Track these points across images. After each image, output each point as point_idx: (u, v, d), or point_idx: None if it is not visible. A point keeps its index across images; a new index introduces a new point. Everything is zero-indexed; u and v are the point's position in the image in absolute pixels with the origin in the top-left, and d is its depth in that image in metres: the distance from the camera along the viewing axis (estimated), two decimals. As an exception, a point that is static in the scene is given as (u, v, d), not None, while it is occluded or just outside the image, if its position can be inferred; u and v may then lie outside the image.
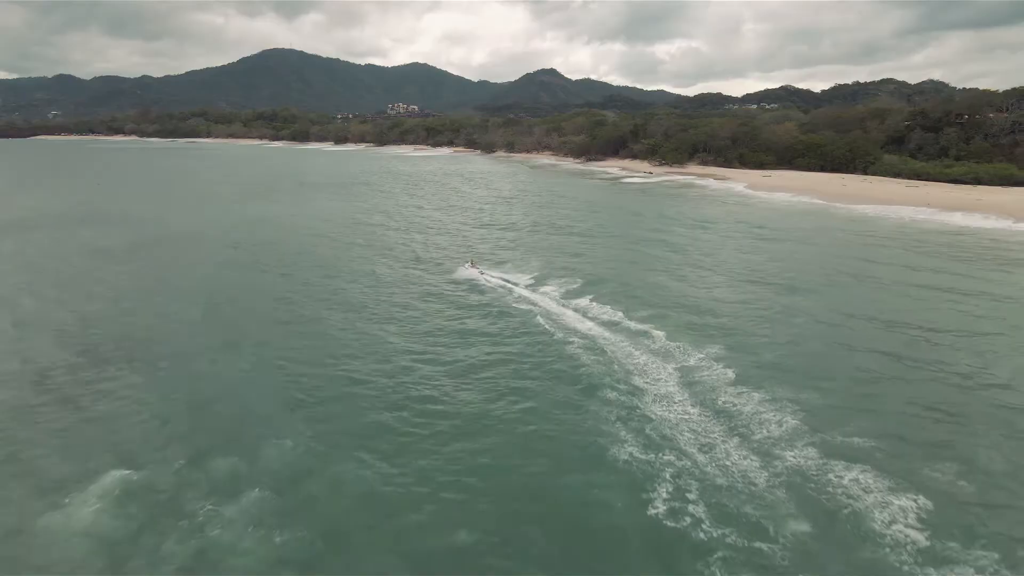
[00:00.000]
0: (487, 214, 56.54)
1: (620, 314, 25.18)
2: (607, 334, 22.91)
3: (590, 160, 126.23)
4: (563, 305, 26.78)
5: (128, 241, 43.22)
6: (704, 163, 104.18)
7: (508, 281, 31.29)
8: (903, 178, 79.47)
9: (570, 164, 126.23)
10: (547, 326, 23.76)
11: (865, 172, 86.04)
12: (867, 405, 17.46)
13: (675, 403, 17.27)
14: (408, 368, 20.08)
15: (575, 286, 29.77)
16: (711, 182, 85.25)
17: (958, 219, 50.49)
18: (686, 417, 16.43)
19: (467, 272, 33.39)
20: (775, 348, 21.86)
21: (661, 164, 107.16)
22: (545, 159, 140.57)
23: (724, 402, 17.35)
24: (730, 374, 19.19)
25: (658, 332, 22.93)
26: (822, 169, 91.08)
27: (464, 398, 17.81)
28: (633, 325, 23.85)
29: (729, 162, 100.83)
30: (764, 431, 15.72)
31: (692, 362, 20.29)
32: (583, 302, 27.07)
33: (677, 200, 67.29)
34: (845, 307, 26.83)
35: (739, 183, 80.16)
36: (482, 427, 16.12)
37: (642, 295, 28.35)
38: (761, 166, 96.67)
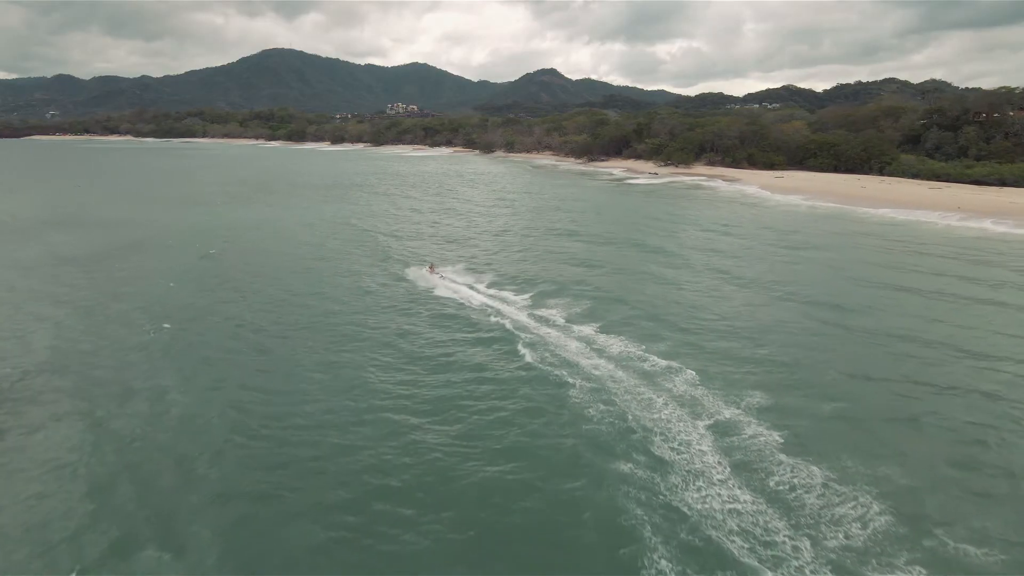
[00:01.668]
0: (487, 219, 52.25)
1: (635, 346, 20.92)
2: (619, 374, 18.66)
3: (592, 160, 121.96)
4: (566, 333, 22.50)
5: (95, 248, 39.38)
6: (711, 163, 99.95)
7: (501, 299, 27.10)
8: (921, 179, 75.59)
9: (571, 164, 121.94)
10: (543, 364, 19.48)
11: (881, 173, 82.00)
12: (977, 484, 13.20)
13: (715, 484, 13.02)
14: (368, 439, 15.73)
15: (580, 308, 25.47)
16: (720, 183, 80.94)
17: (1000, 225, 46.09)
18: (733, 509, 12.17)
19: (427, 278, 30.69)
20: (832, 392, 17.60)
21: (667, 164, 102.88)
22: (545, 159, 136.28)
23: (779, 483, 13.10)
24: (778, 437, 14.94)
25: (682, 372, 18.68)
26: (835, 170, 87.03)
27: (432, 494, 13.23)
28: (651, 361, 19.59)
29: (737, 162, 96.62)
30: (841, 533, 11.47)
31: (728, 415, 16.05)
32: (589, 329, 22.80)
33: (688, 203, 62.98)
34: (912, 332, 22.51)
35: (751, 184, 75.83)
36: (457, 545, 11.63)
37: (661, 319, 24.07)
38: (771, 166, 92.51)
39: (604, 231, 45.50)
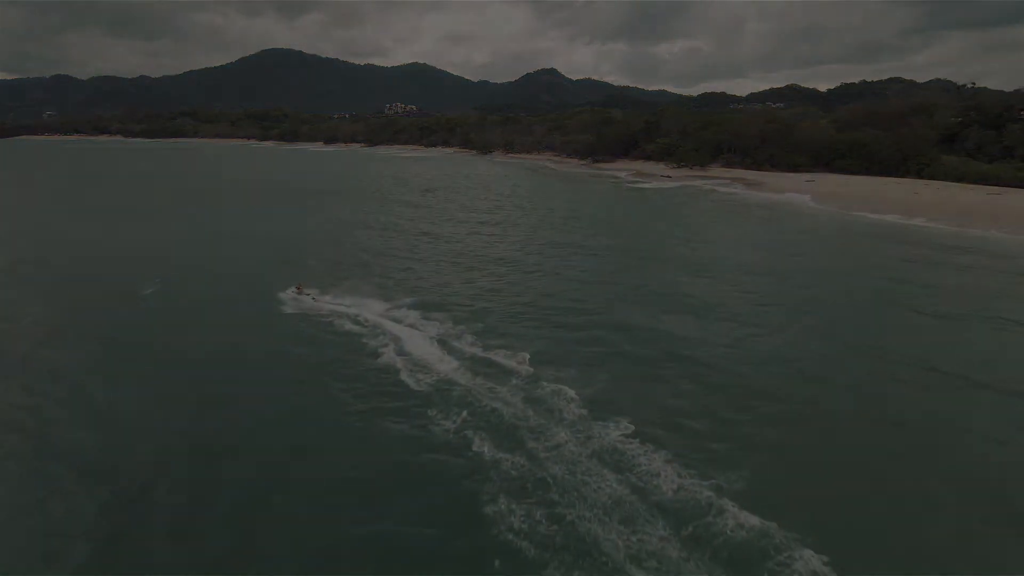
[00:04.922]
0: (486, 233, 43.84)
1: (693, 475, 12.49)
2: (674, 551, 10.23)
3: (597, 161, 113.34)
4: (580, 439, 14.08)
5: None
6: (729, 164, 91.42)
7: (485, 364, 18.72)
8: (966, 182, 67.13)
9: (575, 166, 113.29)
10: (528, 528, 11.10)
11: (919, 175, 73.58)
12: None
13: None
14: None
15: (594, 388, 17.02)
16: (743, 188, 72.20)
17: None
18: None
19: (296, 300, 25.58)
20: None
21: (680, 166, 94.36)
22: (546, 160, 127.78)
23: None
24: None
25: (791, 551, 10.25)
26: (867, 172, 78.51)
27: None
28: (729, 512, 11.18)
29: (758, 164, 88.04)
30: None
31: None
32: (615, 431, 14.39)
33: (717, 213, 54.32)
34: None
35: (783, 190, 66.80)
36: None
37: (729, 407, 15.59)
38: (794, 168, 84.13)
39: (632, 250, 37.01)
